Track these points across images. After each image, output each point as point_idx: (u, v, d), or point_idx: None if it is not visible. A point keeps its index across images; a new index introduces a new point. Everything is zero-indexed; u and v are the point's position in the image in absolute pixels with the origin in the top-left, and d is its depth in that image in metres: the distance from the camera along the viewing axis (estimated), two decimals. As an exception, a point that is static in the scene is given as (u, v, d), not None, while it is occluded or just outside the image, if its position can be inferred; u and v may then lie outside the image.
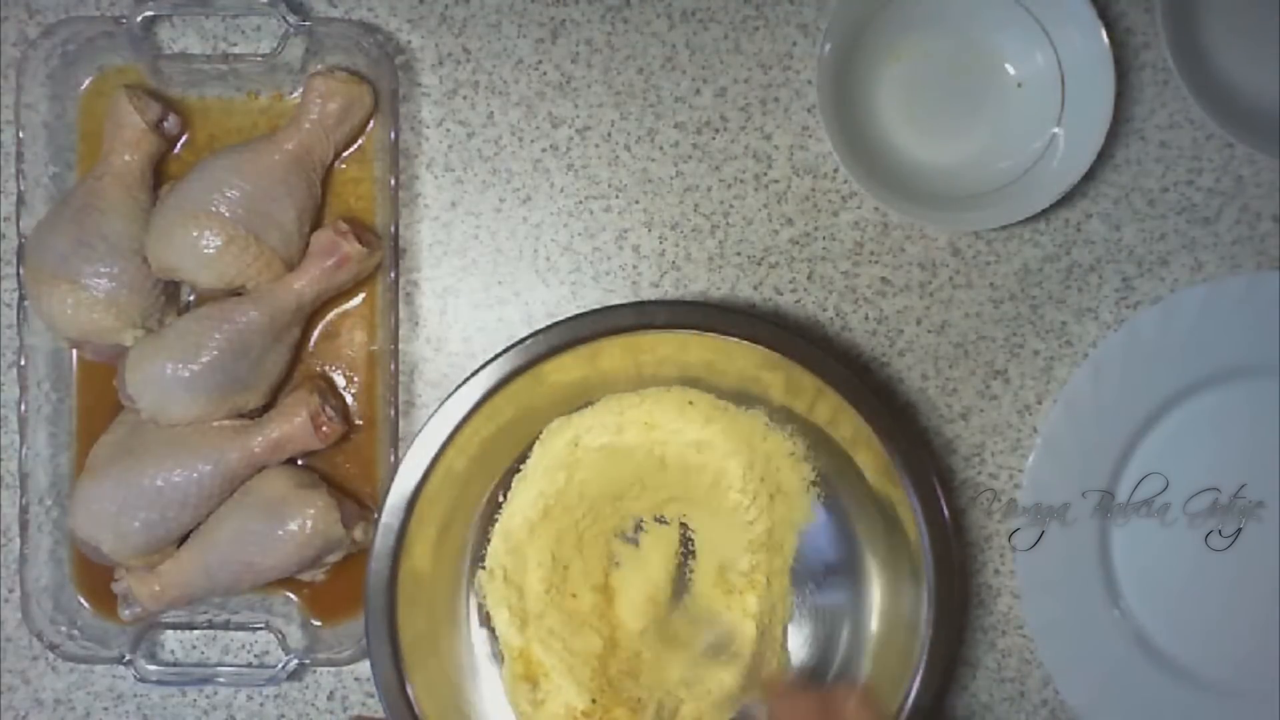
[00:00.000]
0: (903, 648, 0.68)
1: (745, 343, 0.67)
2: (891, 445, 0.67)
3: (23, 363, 0.71)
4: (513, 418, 0.70)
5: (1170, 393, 0.74)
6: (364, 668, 0.73)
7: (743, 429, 0.71)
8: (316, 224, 0.72)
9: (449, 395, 0.67)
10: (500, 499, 0.72)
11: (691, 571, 0.72)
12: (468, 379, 0.67)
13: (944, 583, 0.67)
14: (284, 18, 0.70)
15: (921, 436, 0.74)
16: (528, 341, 0.67)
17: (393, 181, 0.71)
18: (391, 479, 0.67)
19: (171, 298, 0.72)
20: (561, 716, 0.70)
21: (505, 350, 0.67)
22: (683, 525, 0.72)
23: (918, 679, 0.66)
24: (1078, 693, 0.74)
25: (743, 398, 0.71)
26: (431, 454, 0.67)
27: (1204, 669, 0.74)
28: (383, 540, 0.67)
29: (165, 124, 0.72)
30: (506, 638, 0.71)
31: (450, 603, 0.71)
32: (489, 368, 0.67)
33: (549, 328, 0.67)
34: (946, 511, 0.67)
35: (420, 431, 0.67)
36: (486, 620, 0.72)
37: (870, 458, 0.68)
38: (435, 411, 0.67)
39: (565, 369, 0.68)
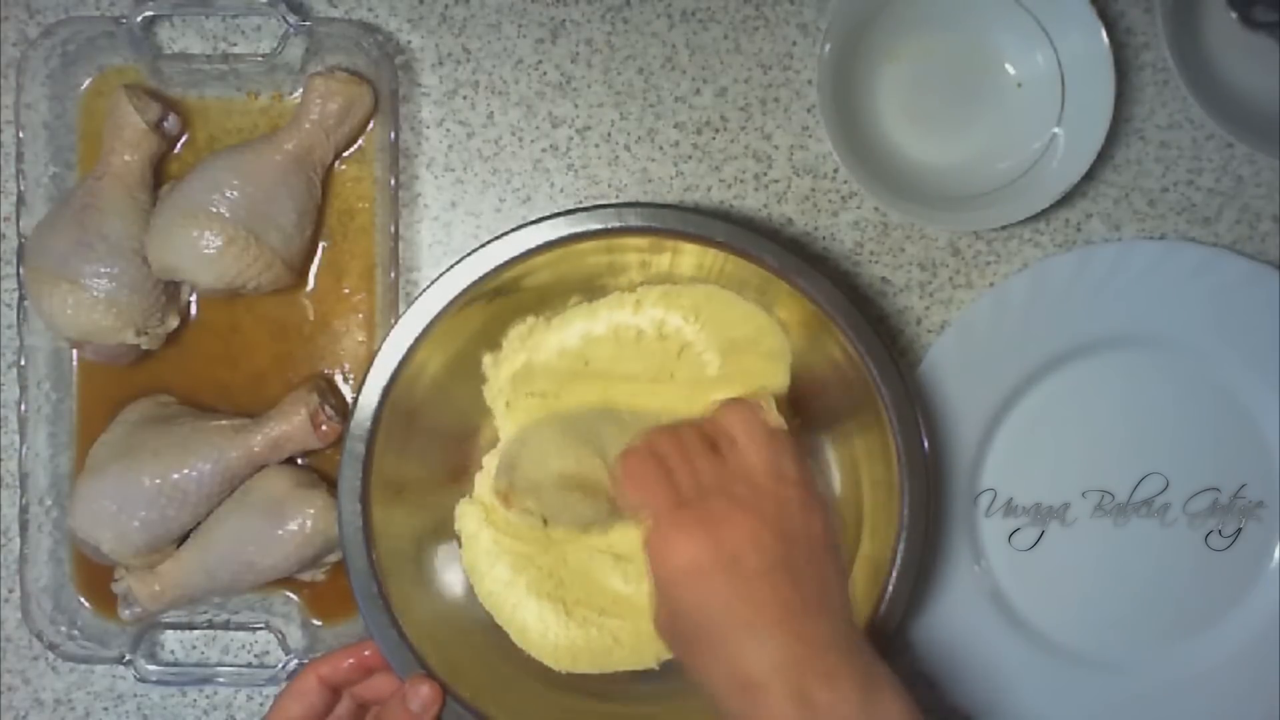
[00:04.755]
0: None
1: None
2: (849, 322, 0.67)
3: (23, 363, 0.71)
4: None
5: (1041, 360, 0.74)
6: (364, 668, 0.73)
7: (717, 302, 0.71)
8: (317, 224, 0.73)
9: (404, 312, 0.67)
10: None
11: None
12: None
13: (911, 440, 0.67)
14: (284, 18, 0.70)
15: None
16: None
17: (393, 181, 0.71)
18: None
19: (172, 298, 0.72)
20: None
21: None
22: None
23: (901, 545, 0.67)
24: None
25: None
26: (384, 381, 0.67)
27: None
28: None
29: (165, 124, 0.72)
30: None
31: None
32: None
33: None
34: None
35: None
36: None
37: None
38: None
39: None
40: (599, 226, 0.66)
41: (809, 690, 0.54)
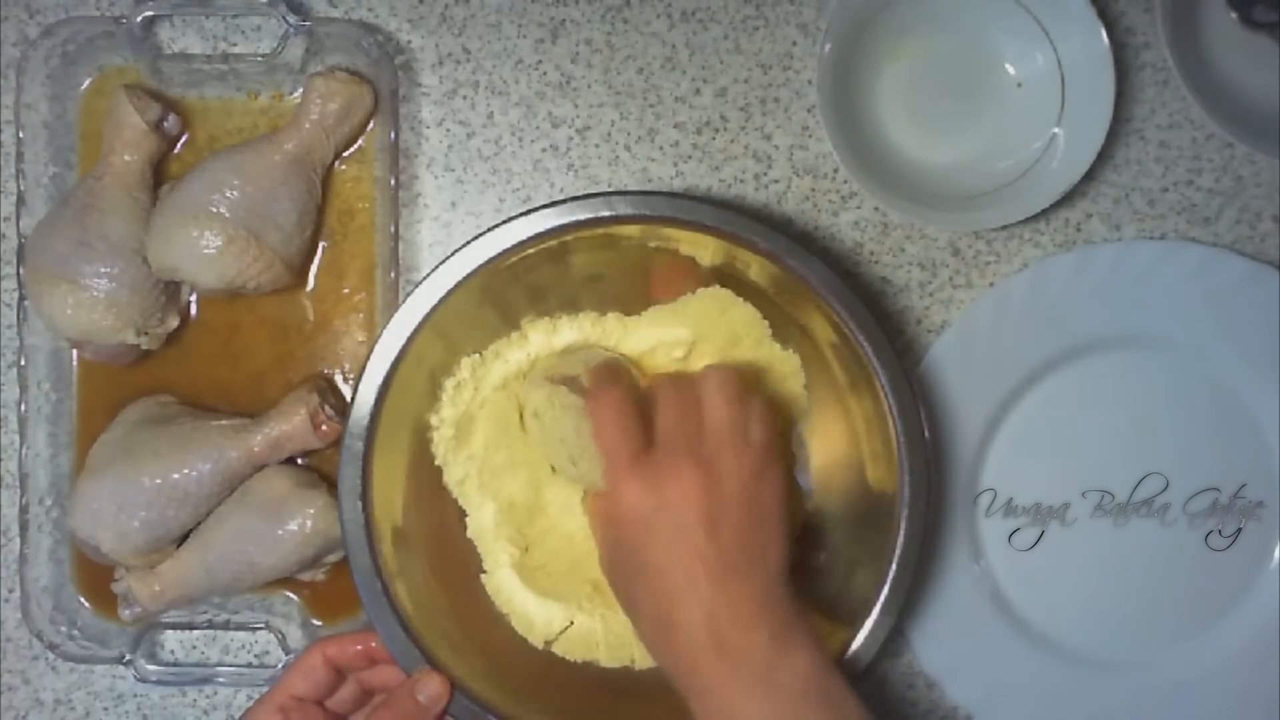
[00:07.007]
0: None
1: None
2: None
3: (23, 363, 0.71)
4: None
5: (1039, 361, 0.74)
6: (364, 668, 0.73)
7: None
8: (317, 224, 0.73)
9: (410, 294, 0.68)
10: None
11: None
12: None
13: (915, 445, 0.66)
14: (284, 18, 0.70)
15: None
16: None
17: (393, 181, 0.71)
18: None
19: (172, 298, 0.72)
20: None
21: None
22: None
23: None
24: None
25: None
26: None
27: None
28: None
29: (165, 124, 0.72)
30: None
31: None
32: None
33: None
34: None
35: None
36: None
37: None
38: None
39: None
40: (589, 215, 0.66)
41: (723, 632, 0.59)
